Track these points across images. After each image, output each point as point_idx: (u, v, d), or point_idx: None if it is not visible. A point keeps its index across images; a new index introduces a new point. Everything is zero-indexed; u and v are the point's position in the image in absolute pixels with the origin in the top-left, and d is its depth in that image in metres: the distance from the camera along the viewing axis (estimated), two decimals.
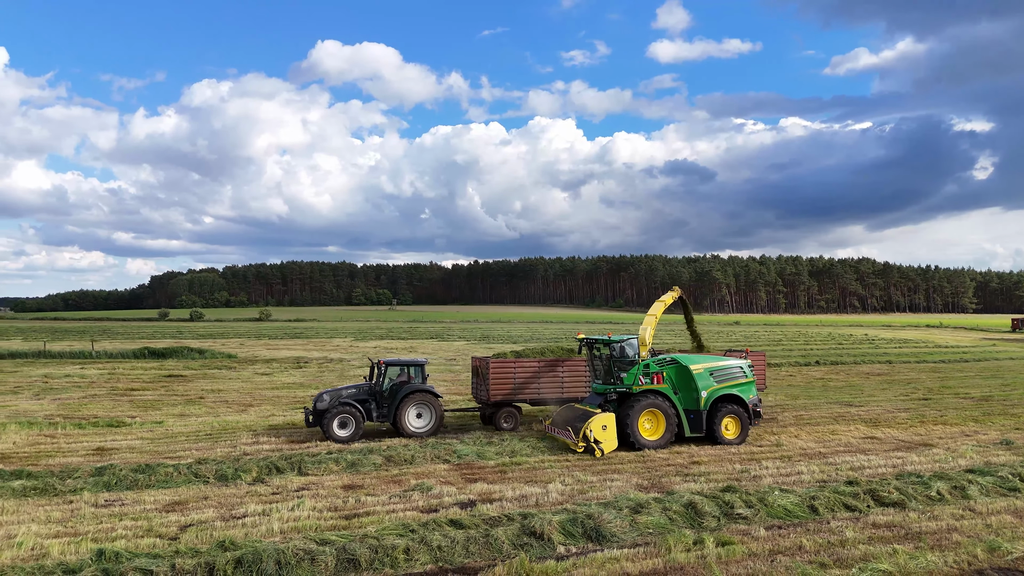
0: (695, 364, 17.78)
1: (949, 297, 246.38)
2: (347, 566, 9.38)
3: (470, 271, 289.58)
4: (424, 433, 18.65)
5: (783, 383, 32.41)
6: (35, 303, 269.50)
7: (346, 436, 17.93)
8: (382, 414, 18.86)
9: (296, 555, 9.40)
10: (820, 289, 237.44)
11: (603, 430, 16.34)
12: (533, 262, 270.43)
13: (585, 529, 10.70)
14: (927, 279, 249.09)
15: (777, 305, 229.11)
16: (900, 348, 57.26)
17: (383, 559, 9.58)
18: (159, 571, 8.83)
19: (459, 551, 9.91)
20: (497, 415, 19.78)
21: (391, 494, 13.12)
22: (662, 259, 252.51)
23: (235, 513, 11.94)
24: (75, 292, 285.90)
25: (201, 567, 9.00)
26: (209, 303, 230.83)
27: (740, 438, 17.62)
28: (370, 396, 18.88)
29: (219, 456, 16.12)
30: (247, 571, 9.05)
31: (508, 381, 19.73)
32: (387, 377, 19.11)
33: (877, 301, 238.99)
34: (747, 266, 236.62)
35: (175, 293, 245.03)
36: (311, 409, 18.50)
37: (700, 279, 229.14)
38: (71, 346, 54.81)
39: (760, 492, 12.47)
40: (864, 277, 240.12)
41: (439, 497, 12.83)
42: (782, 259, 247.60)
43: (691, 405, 17.49)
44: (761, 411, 18.61)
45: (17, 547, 10.07)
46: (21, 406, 24.61)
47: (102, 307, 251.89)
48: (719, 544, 10.13)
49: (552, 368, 20.24)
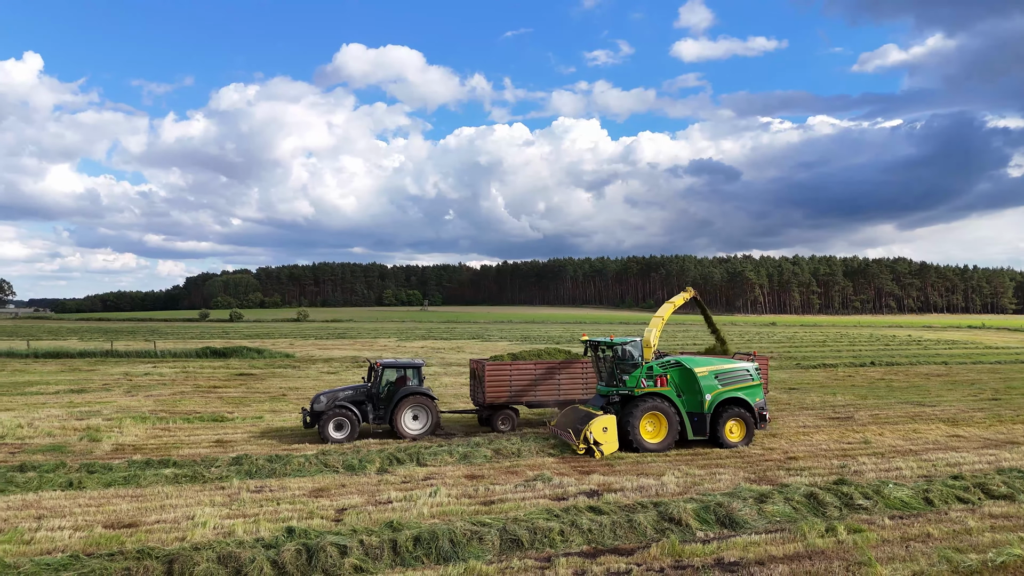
0: (699, 367, 17.56)
1: (988, 297, 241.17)
2: (510, 545, 10.24)
3: (498, 272, 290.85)
4: (420, 435, 18.65)
5: (845, 383, 32.71)
6: (74, 304, 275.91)
7: (342, 438, 18.00)
8: (378, 416, 18.90)
9: (465, 534, 10.30)
10: (855, 289, 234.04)
11: (604, 432, 16.31)
12: (562, 262, 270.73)
13: (718, 516, 11.44)
14: (965, 279, 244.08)
15: (811, 306, 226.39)
16: (950, 349, 56.78)
17: (541, 540, 10.42)
18: (351, 546, 9.77)
19: (608, 534, 10.72)
20: (494, 417, 19.79)
21: (514, 483, 13.96)
22: (693, 259, 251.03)
23: (380, 499, 12.88)
24: (113, 293, 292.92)
25: (387, 543, 9.93)
26: (244, 304, 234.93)
27: (745, 442, 17.36)
28: (367, 398, 18.93)
29: (330, 448, 17.14)
30: (425, 548, 9.96)
31: (504, 384, 19.67)
32: (384, 379, 19.21)
33: (914, 302, 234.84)
34: (780, 266, 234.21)
35: (211, 294, 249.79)
36: (308, 410, 18.66)
37: (732, 279, 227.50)
38: (128, 345, 56.82)
39: (872, 485, 13.07)
40: (900, 277, 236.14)
41: (563, 487, 13.64)
42: (815, 259, 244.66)
43: (695, 408, 17.26)
44: (768, 415, 18.22)
45: (203, 526, 11.09)
46: (120, 402, 25.99)
47: (138, 308, 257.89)
48: (850, 531, 10.79)
49: (548, 370, 20.11)
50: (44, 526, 11.10)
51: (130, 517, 11.74)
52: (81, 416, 22.14)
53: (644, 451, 16.56)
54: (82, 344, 60.29)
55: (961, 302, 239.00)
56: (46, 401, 26.06)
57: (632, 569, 9.46)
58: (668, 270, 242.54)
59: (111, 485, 13.64)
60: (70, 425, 20.51)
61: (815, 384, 32.33)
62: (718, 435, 17.21)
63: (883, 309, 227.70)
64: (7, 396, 27.38)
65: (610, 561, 9.77)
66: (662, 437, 16.93)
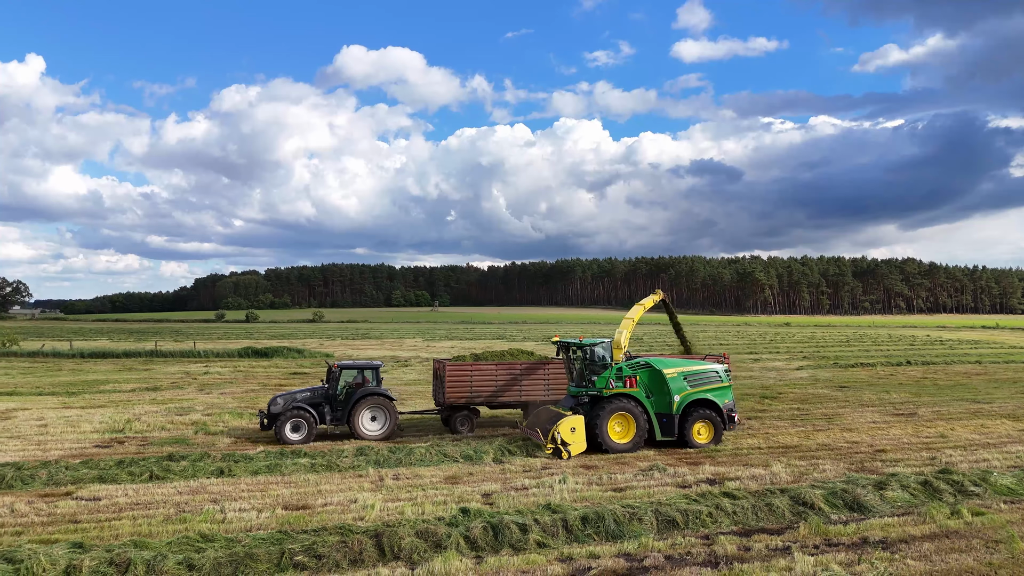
0: (668, 368, 17.65)
1: (997, 298, 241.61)
2: (667, 525, 11.17)
3: (506, 272, 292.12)
4: (378, 436, 18.51)
5: (891, 382, 33.57)
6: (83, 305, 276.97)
7: (298, 439, 18.02)
8: (336, 417, 18.86)
9: (624, 515, 11.22)
10: (864, 290, 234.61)
11: (571, 432, 16.38)
12: (570, 263, 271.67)
13: (845, 501, 12.35)
14: (974, 279, 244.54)
15: (821, 306, 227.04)
16: (977, 349, 57.57)
17: (694, 520, 11.35)
18: (528, 524, 10.71)
19: (751, 516, 11.64)
20: (453, 418, 19.78)
21: (633, 472, 14.90)
22: (702, 260, 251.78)
23: (514, 485, 13.83)
24: (121, 294, 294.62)
25: (558, 522, 10.87)
26: (254, 305, 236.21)
27: (712, 443, 17.44)
28: (324, 400, 18.93)
29: (444, 440, 18.09)
30: (593, 525, 10.91)
31: (465, 384, 19.59)
32: (342, 380, 19.26)
33: (923, 302, 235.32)
34: (789, 267, 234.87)
35: (221, 296, 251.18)
36: (265, 412, 18.79)
37: (742, 280, 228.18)
38: (171, 345, 57.86)
39: (975, 474, 13.99)
40: (909, 278, 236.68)
41: (681, 476, 14.57)
42: (824, 259, 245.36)
43: (664, 409, 17.35)
44: (736, 416, 18.21)
45: (371, 508, 12.04)
46: (202, 399, 26.98)
47: (147, 308, 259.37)
48: (974, 514, 11.69)
49: (509, 371, 20.02)
50: (226, 508, 12.06)
51: (297, 500, 12.70)
52: (180, 412, 23.16)
53: (612, 451, 16.61)
54: (114, 344, 61.44)
55: (970, 302, 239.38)
56: (129, 399, 27.06)
57: (789, 546, 10.37)
58: (678, 271, 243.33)
59: (258, 473, 14.61)
60: (175, 420, 21.52)
61: (862, 383, 33.17)
62: (686, 436, 17.29)
63: (892, 309, 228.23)
64: (87, 394, 28.40)
65: (764, 539, 10.68)
66: (630, 438, 16.98)
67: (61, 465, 14.96)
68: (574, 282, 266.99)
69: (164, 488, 13.52)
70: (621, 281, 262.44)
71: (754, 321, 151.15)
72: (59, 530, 11.07)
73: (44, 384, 32.04)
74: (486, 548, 10.15)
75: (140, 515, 11.84)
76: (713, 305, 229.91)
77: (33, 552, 9.32)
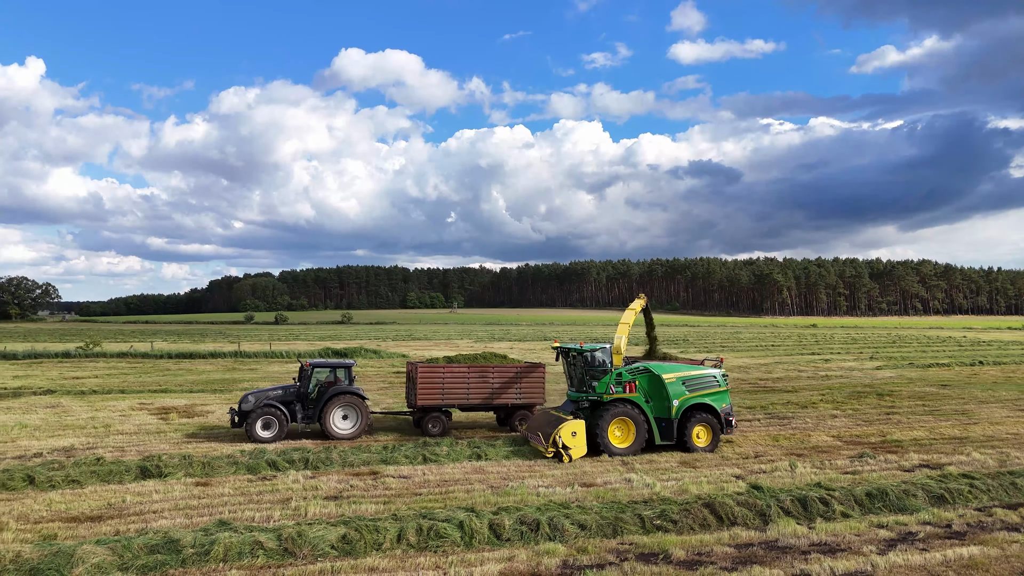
0: (667, 373, 17.84)
1: (1013, 299, 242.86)
2: (937, 500, 12.73)
3: (520, 274, 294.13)
4: (349, 435, 18.60)
5: (984, 381, 34.98)
6: (99, 307, 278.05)
7: (269, 437, 18.09)
8: (307, 416, 18.95)
9: (900, 491, 12.80)
10: (881, 291, 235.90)
11: (572, 436, 16.53)
12: (585, 265, 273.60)
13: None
14: (990, 281, 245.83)
15: (838, 307, 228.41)
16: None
17: (958, 497, 12.91)
18: (826, 498, 12.31)
19: (1002, 493, 13.21)
20: (424, 420, 19.87)
21: (847, 459, 16.50)
22: (719, 262, 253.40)
23: (752, 470, 15.43)
24: (136, 296, 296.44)
25: (849, 496, 12.47)
26: (271, 307, 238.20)
27: (711, 446, 17.62)
28: (296, 398, 19.00)
29: None
30: (880, 500, 12.49)
31: (436, 386, 19.77)
32: (314, 379, 19.38)
33: (939, 303, 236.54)
34: (806, 268, 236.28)
35: (239, 297, 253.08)
36: (236, 409, 18.79)
37: (759, 281, 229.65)
38: (250, 347, 59.34)
39: None
40: (925, 279, 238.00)
41: (895, 463, 16.20)
42: (839, 261, 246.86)
43: (663, 413, 17.57)
44: (734, 420, 18.36)
45: (653, 486, 13.64)
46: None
47: (161, 310, 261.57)
48: None
49: (482, 374, 20.24)
50: (528, 485, 13.72)
51: (581, 479, 14.31)
52: None
53: (612, 455, 16.77)
54: (194, 345, 62.86)
55: (986, 303, 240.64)
56: None
57: None
58: (694, 272, 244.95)
59: (508, 457, 16.35)
60: None
61: (956, 382, 34.49)
62: (685, 440, 17.51)
63: (909, 311, 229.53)
64: (220, 393, 29.83)
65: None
66: (630, 442, 17.15)
67: (341, 450, 16.49)
68: (588, 284, 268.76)
69: (446, 469, 15.22)
70: (636, 283, 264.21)
71: (780, 323, 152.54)
72: (414, 500, 12.67)
73: (188, 383, 33.52)
74: (808, 517, 11.74)
75: (460, 489, 13.51)
76: (730, 306, 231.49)
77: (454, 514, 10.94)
